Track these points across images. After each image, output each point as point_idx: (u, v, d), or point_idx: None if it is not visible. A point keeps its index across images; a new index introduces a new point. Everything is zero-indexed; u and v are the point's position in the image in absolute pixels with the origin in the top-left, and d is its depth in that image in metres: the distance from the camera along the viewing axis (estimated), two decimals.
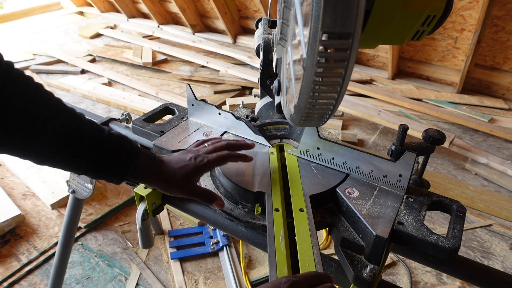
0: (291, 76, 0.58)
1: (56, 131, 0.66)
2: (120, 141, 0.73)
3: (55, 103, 0.68)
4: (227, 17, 4.24)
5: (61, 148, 0.67)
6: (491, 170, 2.41)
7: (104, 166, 0.71)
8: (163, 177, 0.75)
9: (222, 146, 0.79)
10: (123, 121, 1.19)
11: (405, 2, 0.58)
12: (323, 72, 0.46)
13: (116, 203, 2.11)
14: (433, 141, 0.77)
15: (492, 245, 1.93)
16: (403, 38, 0.66)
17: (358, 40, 0.42)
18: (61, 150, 0.68)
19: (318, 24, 0.41)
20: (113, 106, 3.21)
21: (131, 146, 0.73)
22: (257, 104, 1.16)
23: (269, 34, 1.00)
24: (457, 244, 0.66)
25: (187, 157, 0.76)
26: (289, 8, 0.59)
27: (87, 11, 5.75)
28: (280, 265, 0.61)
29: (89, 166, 0.70)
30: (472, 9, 2.83)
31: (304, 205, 0.74)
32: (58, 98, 0.69)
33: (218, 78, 3.59)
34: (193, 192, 0.75)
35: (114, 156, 0.71)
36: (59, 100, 0.69)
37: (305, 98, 0.51)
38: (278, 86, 0.83)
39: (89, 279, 1.72)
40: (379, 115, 2.83)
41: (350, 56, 0.43)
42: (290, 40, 0.61)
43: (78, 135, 0.68)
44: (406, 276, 1.77)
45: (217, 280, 1.73)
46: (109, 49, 4.33)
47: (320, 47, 0.42)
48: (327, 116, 0.56)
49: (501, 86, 3.17)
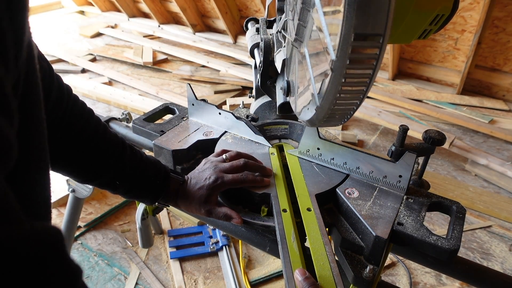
0: (309, 77, 0.58)
1: (103, 156, 0.72)
2: (155, 167, 0.78)
3: (103, 129, 0.73)
4: (228, 17, 4.24)
5: (105, 172, 0.73)
6: (491, 171, 2.41)
7: (139, 190, 0.76)
8: (183, 199, 0.78)
9: (240, 166, 0.79)
10: (123, 121, 1.20)
11: (417, 2, 0.59)
12: (351, 73, 0.46)
13: (116, 202, 2.11)
14: (433, 142, 0.77)
15: (491, 246, 1.93)
16: (411, 37, 0.68)
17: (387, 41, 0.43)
18: (105, 173, 0.73)
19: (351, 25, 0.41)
20: (113, 106, 3.21)
21: (165, 172, 0.78)
22: (252, 104, 1.15)
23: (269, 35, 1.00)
24: (456, 245, 0.67)
25: (204, 177, 0.77)
26: (308, 10, 0.59)
27: (87, 10, 5.75)
28: (295, 265, 0.62)
29: (125, 189, 0.76)
30: (473, 10, 2.83)
31: (311, 204, 0.74)
32: (104, 124, 0.75)
33: (218, 78, 3.59)
34: (211, 212, 0.76)
35: (149, 183, 0.76)
36: (105, 125, 0.75)
37: (330, 99, 0.51)
38: (287, 87, 0.82)
39: (88, 278, 1.72)
40: (379, 116, 2.83)
41: (379, 57, 0.44)
42: (306, 41, 0.62)
43: (121, 161, 0.73)
44: (406, 276, 1.77)
45: (217, 280, 1.73)
46: (110, 48, 4.33)
47: (350, 49, 0.43)
48: (349, 115, 0.56)
49: (502, 87, 3.17)
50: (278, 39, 0.92)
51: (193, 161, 0.94)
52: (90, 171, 0.72)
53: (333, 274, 0.61)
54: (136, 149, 0.78)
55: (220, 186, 0.76)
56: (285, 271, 0.61)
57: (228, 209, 0.76)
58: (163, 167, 0.79)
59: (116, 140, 0.75)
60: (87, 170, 0.72)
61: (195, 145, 0.94)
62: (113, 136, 0.75)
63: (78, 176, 0.73)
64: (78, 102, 0.71)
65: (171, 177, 0.78)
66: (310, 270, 0.62)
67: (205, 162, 0.82)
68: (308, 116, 0.63)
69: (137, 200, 0.79)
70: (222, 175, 0.76)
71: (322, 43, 0.51)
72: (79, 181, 0.75)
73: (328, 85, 0.49)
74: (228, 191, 0.79)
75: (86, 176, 0.73)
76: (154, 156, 0.92)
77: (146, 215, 1.18)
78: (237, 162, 0.79)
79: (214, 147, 0.92)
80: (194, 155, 0.95)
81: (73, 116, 0.68)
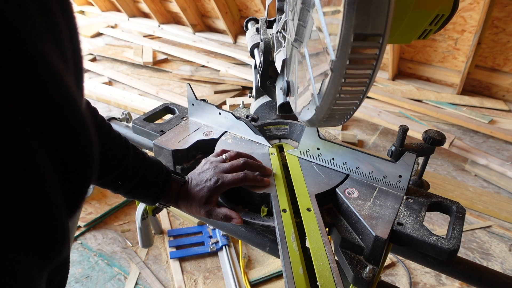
0: (309, 77, 0.58)
1: (106, 155, 0.71)
2: (157, 168, 0.78)
3: (107, 128, 0.73)
4: (228, 17, 4.24)
5: (109, 171, 0.72)
6: (491, 171, 2.41)
7: (141, 190, 0.77)
8: (184, 200, 0.78)
9: (240, 166, 0.79)
10: (123, 121, 1.20)
11: (417, 2, 0.60)
12: (351, 74, 0.46)
13: (115, 202, 2.11)
14: (433, 142, 0.77)
15: (491, 246, 1.94)
16: (411, 37, 0.68)
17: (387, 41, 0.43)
18: (109, 173, 0.72)
19: (350, 26, 0.41)
20: (113, 105, 3.21)
21: (166, 173, 0.78)
22: (252, 104, 1.15)
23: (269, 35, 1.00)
24: (456, 245, 0.67)
25: (204, 178, 0.77)
26: (307, 10, 0.59)
27: (87, 10, 5.75)
28: (294, 265, 0.62)
29: (127, 189, 0.76)
30: (473, 10, 2.83)
31: (310, 204, 0.74)
32: (108, 123, 0.74)
33: (218, 78, 3.59)
34: (211, 213, 0.76)
35: (151, 183, 0.77)
36: (109, 125, 0.74)
37: (330, 99, 0.51)
38: (287, 87, 0.82)
39: (88, 278, 1.72)
40: (379, 116, 2.83)
41: (379, 57, 0.44)
42: (306, 41, 0.62)
43: (124, 161, 0.73)
44: (406, 276, 1.77)
45: (216, 279, 1.73)
46: (110, 48, 4.33)
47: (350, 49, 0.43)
48: (349, 116, 0.56)
49: (501, 87, 3.17)
50: (278, 39, 0.92)
51: (193, 161, 0.94)
52: None
53: (333, 274, 0.61)
54: (138, 149, 0.78)
55: (221, 187, 0.76)
56: (285, 271, 0.61)
57: (228, 210, 0.76)
58: (165, 168, 0.79)
59: (120, 140, 0.75)
60: None
61: (195, 145, 0.93)
62: (117, 136, 0.75)
63: None
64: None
65: (172, 178, 0.78)
66: (310, 270, 0.62)
67: (205, 162, 0.82)
68: (308, 116, 0.63)
69: (138, 200, 0.79)
70: (222, 175, 0.76)
71: (322, 43, 0.51)
72: None
73: (328, 85, 0.49)
74: (228, 191, 0.79)
75: None
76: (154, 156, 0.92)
77: (146, 215, 1.18)
78: (237, 161, 0.79)
79: (214, 147, 0.92)
80: (194, 155, 0.95)
81: None
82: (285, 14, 0.84)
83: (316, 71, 0.56)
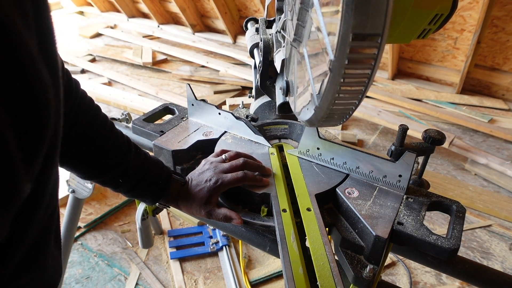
0: (308, 77, 0.58)
1: (108, 153, 0.72)
2: (158, 168, 0.78)
3: (110, 127, 0.73)
4: (227, 17, 4.24)
5: (110, 169, 0.72)
6: (491, 170, 2.41)
7: (141, 189, 0.76)
8: (184, 200, 0.78)
9: (239, 166, 0.79)
10: (123, 121, 1.20)
11: (416, 2, 0.59)
12: (349, 73, 0.46)
13: (116, 202, 2.11)
14: (433, 142, 0.77)
15: (491, 245, 1.94)
16: (410, 36, 0.68)
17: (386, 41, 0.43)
18: (110, 171, 0.73)
19: (349, 25, 0.41)
20: (113, 106, 3.21)
21: (167, 173, 0.78)
22: (252, 104, 1.15)
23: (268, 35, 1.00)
24: (456, 244, 0.67)
25: (204, 178, 0.77)
26: (306, 10, 0.59)
27: (87, 10, 5.75)
28: (294, 265, 0.62)
29: (128, 187, 0.76)
30: (472, 9, 2.84)
31: (310, 204, 0.74)
32: (111, 122, 0.75)
33: (218, 78, 3.59)
34: (211, 214, 0.76)
35: (152, 183, 0.77)
36: (112, 123, 0.75)
37: (328, 99, 0.51)
38: (286, 87, 0.82)
39: (88, 279, 1.72)
40: (379, 115, 2.83)
41: (377, 57, 0.44)
42: (305, 41, 0.62)
43: (125, 159, 0.73)
44: (406, 276, 1.77)
45: (217, 280, 1.73)
46: (109, 48, 4.33)
47: (349, 49, 0.43)
48: (348, 115, 0.56)
49: (501, 86, 3.17)
50: (277, 39, 0.92)
51: (193, 162, 0.94)
52: (94, 168, 0.72)
53: (333, 274, 0.61)
54: (140, 149, 0.78)
55: (221, 187, 0.76)
56: (285, 271, 0.61)
57: (228, 210, 0.76)
58: (166, 168, 0.79)
59: (122, 139, 0.75)
60: (92, 166, 0.72)
61: (195, 145, 0.93)
62: (119, 134, 0.75)
63: (82, 172, 0.73)
64: (86, 98, 0.70)
65: (173, 179, 0.78)
66: (310, 270, 0.62)
67: (205, 162, 0.82)
68: (307, 116, 0.63)
69: (138, 200, 0.79)
70: (222, 176, 0.76)
71: (321, 43, 0.51)
72: (82, 177, 0.75)
73: (327, 85, 0.49)
74: (228, 191, 0.79)
75: (90, 172, 0.73)
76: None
77: (146, 216, 1.18)
78: (236, 161, 0.79)
79: (214, 147, 0.92)
80: (194, 155, 0.95)
81: (80, 112, 0.68)
82: (284, 14, 0.84)
83: (315, 71, 0.56)
